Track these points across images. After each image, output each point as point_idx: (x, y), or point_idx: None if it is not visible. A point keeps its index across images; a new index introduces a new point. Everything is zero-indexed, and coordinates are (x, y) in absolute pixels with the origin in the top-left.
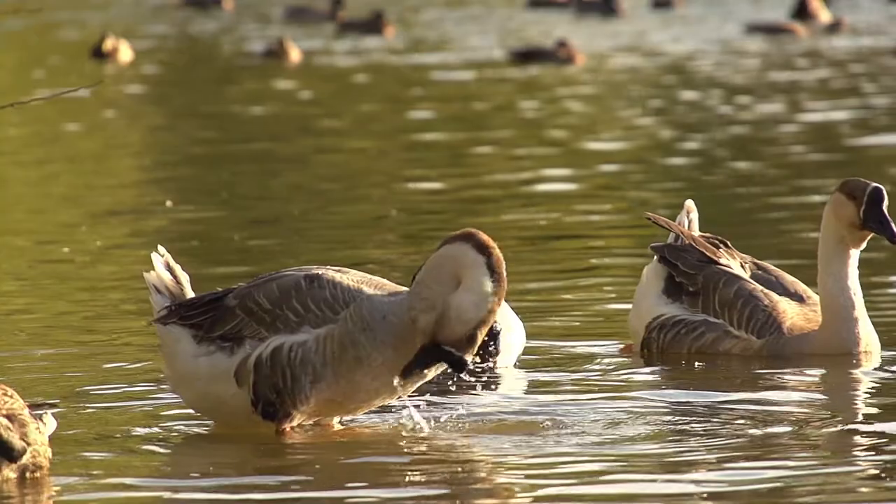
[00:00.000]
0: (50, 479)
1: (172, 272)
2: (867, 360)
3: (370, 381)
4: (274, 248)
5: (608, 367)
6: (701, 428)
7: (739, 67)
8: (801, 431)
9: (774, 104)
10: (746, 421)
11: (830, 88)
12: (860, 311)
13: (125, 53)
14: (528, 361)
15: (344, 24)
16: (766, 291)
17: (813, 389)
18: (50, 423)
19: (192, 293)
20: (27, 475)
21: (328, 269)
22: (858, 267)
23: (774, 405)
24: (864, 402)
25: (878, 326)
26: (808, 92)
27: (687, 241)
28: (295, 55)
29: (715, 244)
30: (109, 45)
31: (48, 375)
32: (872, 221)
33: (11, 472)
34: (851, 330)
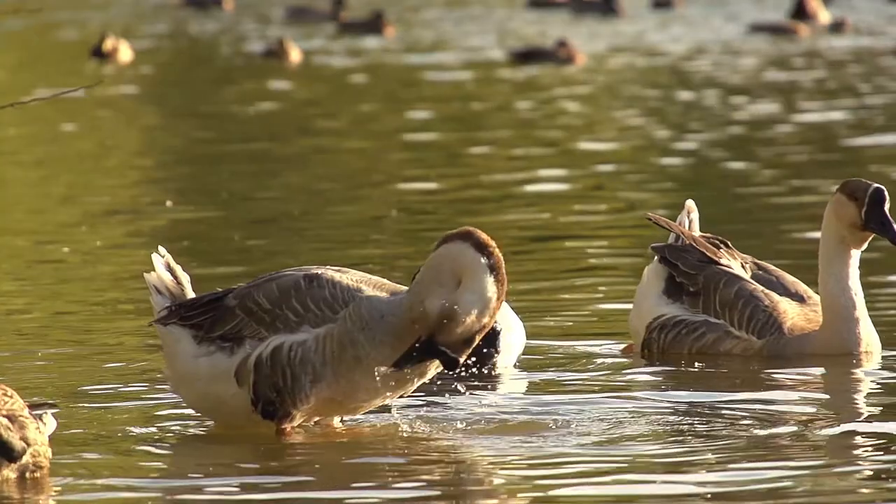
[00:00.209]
0: (50, 479)
1: (173, 273)
2: (868, 360)
3: (370, 380)
4: (273, 248)
5: (608, 367)
6: (702, 428)
7: (740, 67)
8: (801, 432)
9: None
10: (747, 421)
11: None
12: (861, 311)
13: (125, 53)
14: (528, 361)
15: (344, 24)
16: (766, 292)
17: (814, 390)
18: (50, 423)
19: (192, 294)
20: (27, 475)
21: (328, 268)
22: (858, 267)
23: (775, 405)
24: (864, 402)
25: (878, 326)
26: (808, 92)
27: (687, 241)
28: (295, 55)
29: (715, 244)
30: (109, 45)
31: (48, 375)
32: (874, 222)
33: (11, 472)
34: (852, 330)
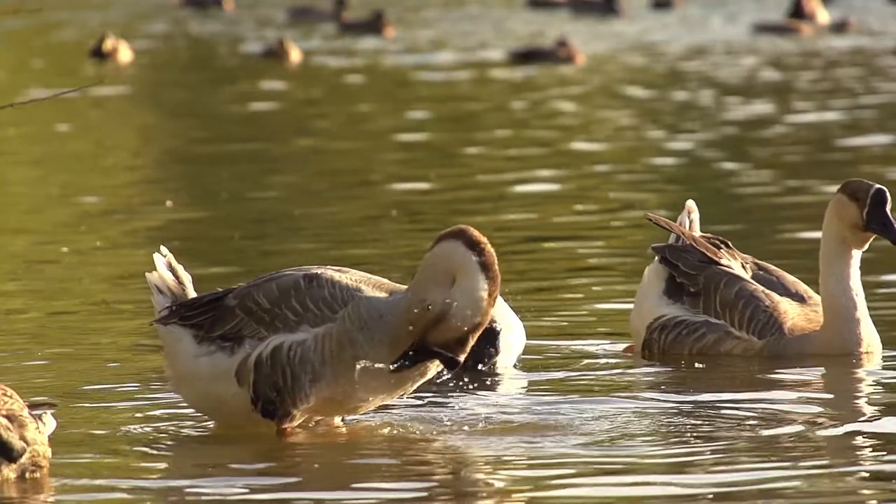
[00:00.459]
0: (50, 479)
1: (174, 272)
2: (869, 360)
3: (369, 380)
4: (273, 247)
5: (609, 367)
6: (702, 429)
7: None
8: (802, 432)
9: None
10: (748, 422)
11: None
12: (862, 311)
13: (125, 54)
14: (528, 361)
15: (344, 24)
16: (767, 292)
17: (814, 390)
18: (49, 422)
19: (194, 293)
20: (27, 475)
21: (328, 268)
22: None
23: (776, 406)
24: (865, 402)
25: (878, 326)
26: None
27: (688, 241)
28: (295, 55)
29: (716, 244)
30: (109, 45)
31: (47, 375)
32: (875, 223)
33: (11, 472)
34: (853, 330)
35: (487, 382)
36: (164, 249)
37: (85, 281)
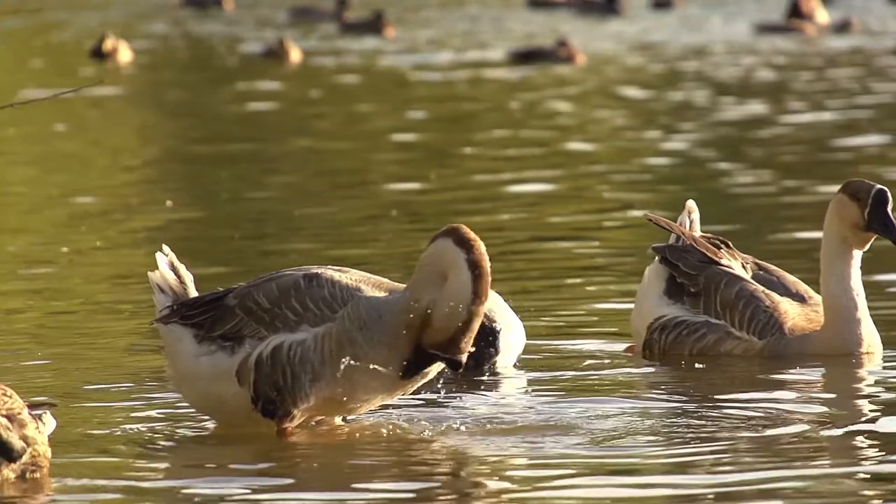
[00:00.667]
0: (50, 479)
1: (176, 272)
2: (869, 360)
3: (368, 379)
4: (273, 247)
5: (609, 367)
6: (703, 429)
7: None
8: (802, 432)
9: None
10: (748, 422)
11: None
12: (863, 311)
13: (125, 54)
14: (528, 361)
15: (345, 24)
16: (767, 292)
17: (815, 390)
18: (49, 422)
19: (195, 293)
20: (27, 475)
21: (328, 268)
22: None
23: (776, 406)
24: (866, 402)
25: (879, 326)
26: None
27: (688, 241)
28: (295, 55)
29: (716, 244)
30: (109, 45)
31: (47, 375)
32: (877, 223)
33: (11, 472)
34: (854, 331)
35: (487, 382)
36: (166, 248)
37: (85, 281)
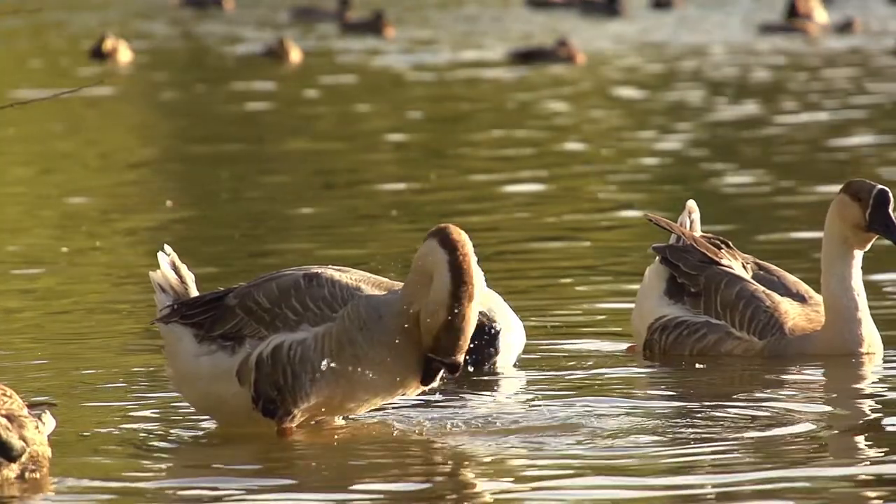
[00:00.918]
0: (49, 478)
1: (177, 271)
2: (870, 360)
3: (369, 379)
4: (272, 247)
5: (609, 367)
6: (703, 429)
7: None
8: (803, 432)
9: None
10: (749, 422)
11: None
12: (863, 311)
13: (124, 54)
14: (528, 361)
15: (345, 24)
16: (767, 292)
17: (815, 390)
18: (49, 422)
19: (196, 293)
20: (27, 475)
21: (328, 268)
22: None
23: (777, 406)
24: (867, 402)
25: (880, 326)
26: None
27: (688, 241)
28: (295, 55)
29: (716, 245)
30: (109, 45)
31: (46, 375)
32: (878, 224)
33: (11, 472)
34: (854, 331)
35: (487, 382)
36: (167, 248)
37: (84, 281)
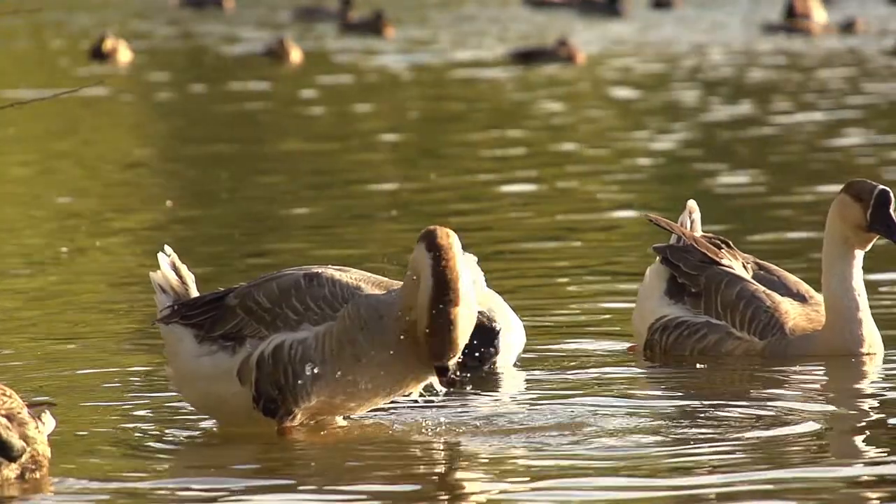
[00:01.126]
0: (49, 478)
1: (178, 272)
2: (871, 360)
3: (369, 379)
4: (272, 247)
5: (610, 366)
6: (703, 429)
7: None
8: (804, 433)
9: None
10: (749, 422)
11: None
12: (864, 311)
13: (124, 54)
14: (527, 361)
15: (346, 24)
16: (768, 292)
17: (816, 390)
18: (49, 422)
19: (196, 293)
20: (27, 475)
21: (329, 267)
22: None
23: (777, 406)
24: (867, 402)
25: (881, 326)
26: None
27: (688, 242)
28: (295, 55)
29: (717, 245)
30: (109, 45)
31: (46, 374)
32: (879, 224)
33: (11, 471)
34: (855, 331)
35: (487, 382)
36: (168, 249)
37: (84, 280)
